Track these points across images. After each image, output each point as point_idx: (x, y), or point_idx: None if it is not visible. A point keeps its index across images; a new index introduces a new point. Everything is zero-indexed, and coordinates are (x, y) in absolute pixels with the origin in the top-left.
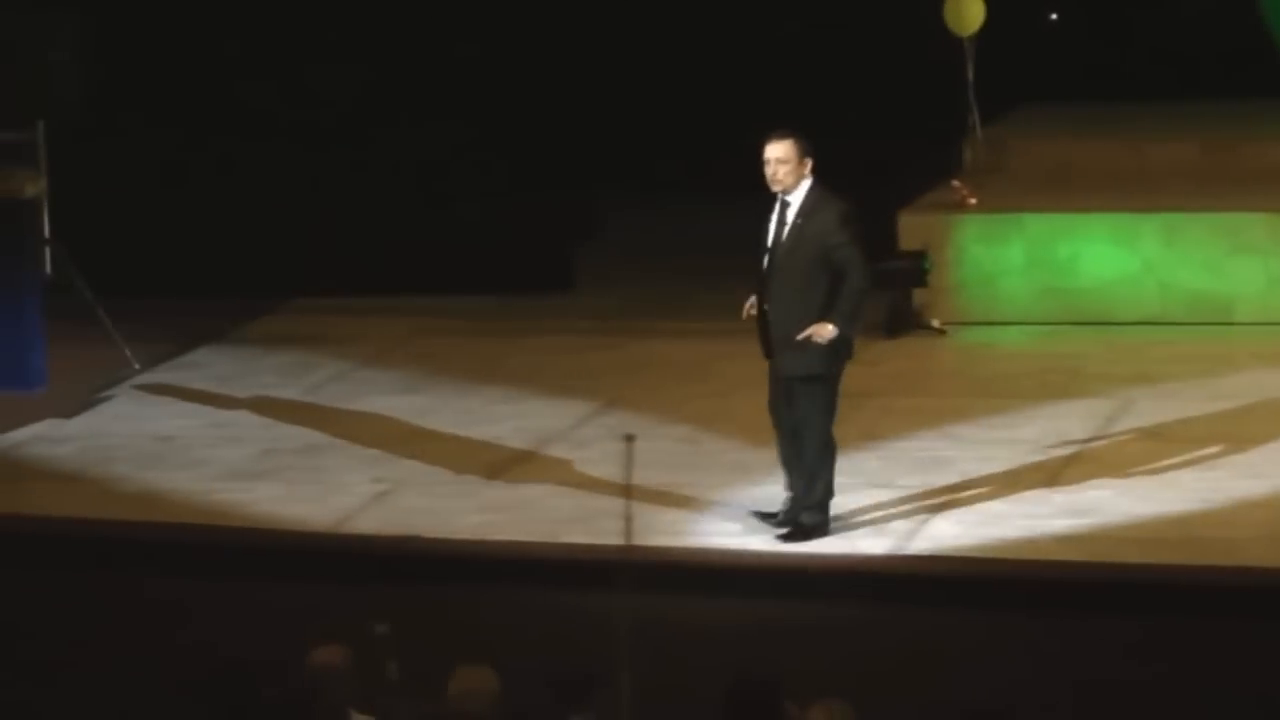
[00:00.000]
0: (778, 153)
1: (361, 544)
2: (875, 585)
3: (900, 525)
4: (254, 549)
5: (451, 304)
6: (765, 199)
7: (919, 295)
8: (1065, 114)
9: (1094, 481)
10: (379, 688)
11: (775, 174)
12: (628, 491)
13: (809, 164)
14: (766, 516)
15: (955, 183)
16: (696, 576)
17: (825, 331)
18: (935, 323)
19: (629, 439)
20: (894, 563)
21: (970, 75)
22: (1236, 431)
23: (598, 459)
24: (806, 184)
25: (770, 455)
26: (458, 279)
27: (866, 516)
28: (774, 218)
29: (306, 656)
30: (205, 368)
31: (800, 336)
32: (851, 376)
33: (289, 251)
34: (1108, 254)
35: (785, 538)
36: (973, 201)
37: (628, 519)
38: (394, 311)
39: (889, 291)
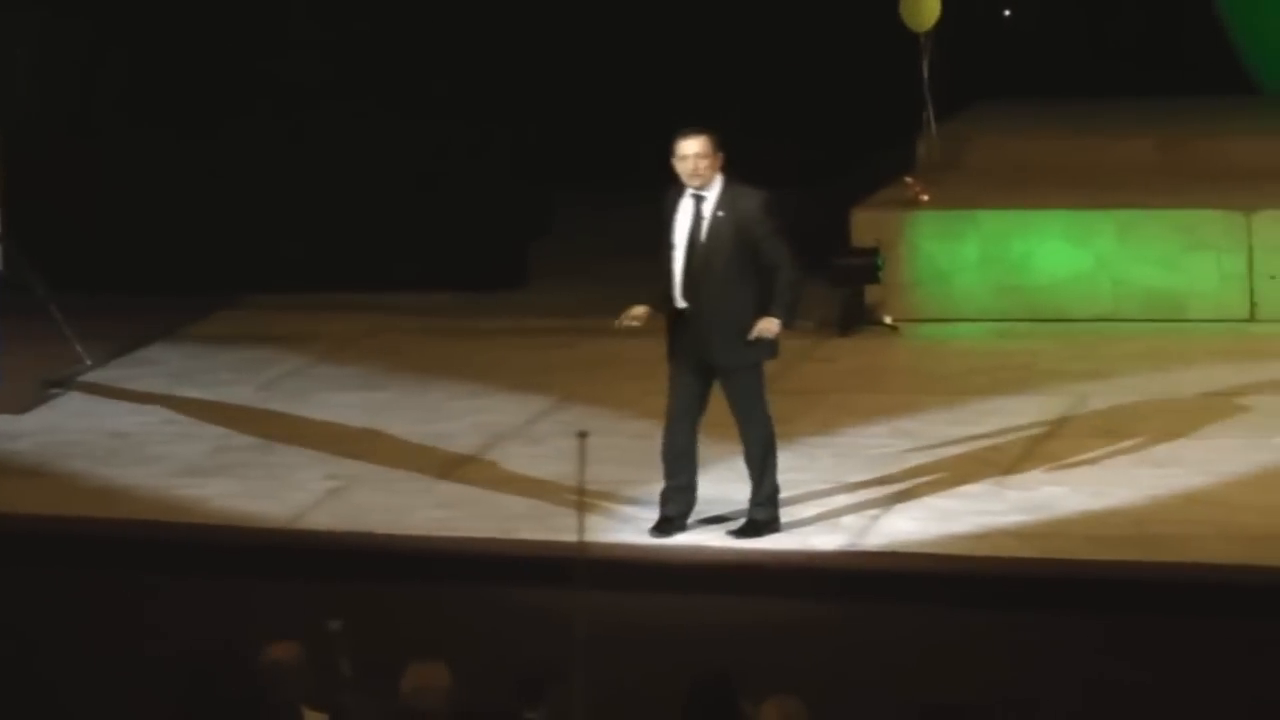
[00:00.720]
0: (697, 148)
1: (315, 540)
2: (829, 581)
3: (853, 521)
4: (208, 545)
5: (406, 300)
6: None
7: (872, 292)
8: (1020, 111)
9: (1047, 478)
10: (332, 684)
11: (697, 169)
12: (581, 488)
13: (721, 157)
14: (714, 520)
15: (909, 179)
16: (650, 573)
17: (773, 327)
18: (888, 319)
19: (582, 436)
20: (847, 559)
21: (925, 72)
22: (1190, 428)
23: (552, 456)
24: (719, 178)
25: (726, 450)
26: (413, 275)
27: (820, 513)
28: (686, 215)
29: (260, 653)
30: (159, 364)
31: (752, 336)
32: (805, 373)
33: (243, 248)
34: (1062, 251)
35: (739, 534)
36: (925, 198)
37: (581, 515)
38: (349, 308)
39: (842, 288)
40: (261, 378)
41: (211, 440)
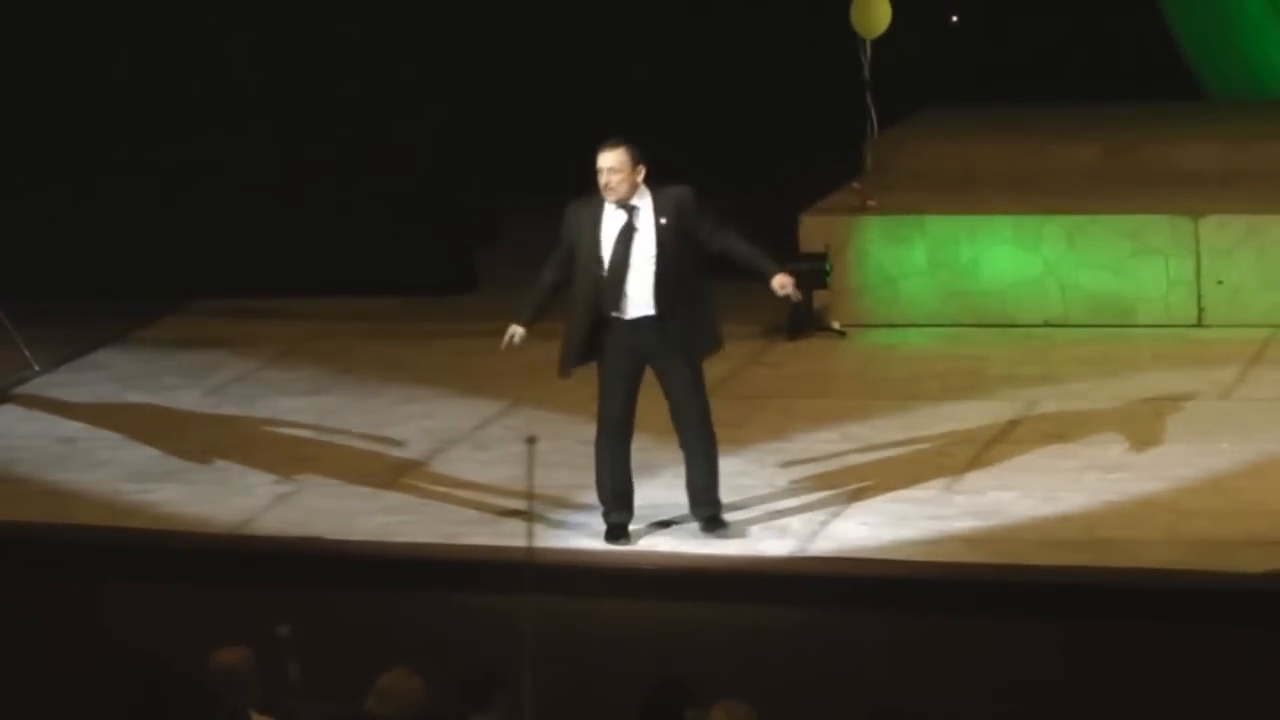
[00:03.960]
0: (610, 161)
1: (264, 546)
2: (777, 586)
3: (802, 526)
4: (156, 550)
5: (353, 305)
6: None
7: (820, 297)
8: (968, 116)
9: (997, 483)
10: (280, 689)
11: (609, 182)
12: (530, 493)
13: (643, 171)
14: (665, 524)
15: (856, 185)
16: (599, 578)
17: (789, 280)
18: (836, 325)
19: (531, 441)
20: (796, 564)
21: (867, 76)
22: (1139, 433)
23: (500, 461)
24: (644, 189)
25: (672, 455)
26: (359, 280)
27: (768, 518)
28: (614, 226)
29: (208, 658)
30: (107, 369)
31: (783, 293)
32: (753, 378)
33: (190, 252)
34: (1010, 256)
35: (712, 528)
36: (872, 204)
37: (529, 521)
38: (296, 313)
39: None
40: (209, 382)
41: (159, 445)
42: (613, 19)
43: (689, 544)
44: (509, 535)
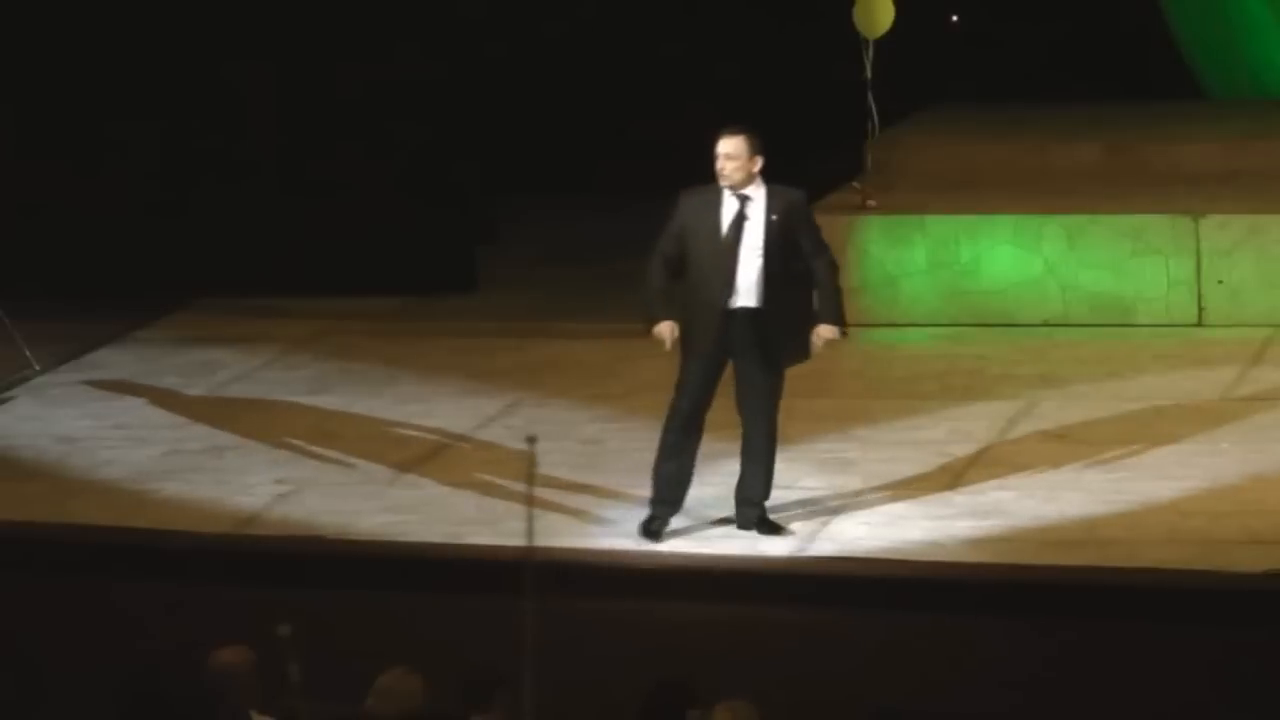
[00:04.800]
0: (727, 148)
1: (265, 545)
2: (779, 586)
3: (802, 526)
4: (158, 550)
5: (355, 305)
6: (655, 199)
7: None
8: (968, 115)
9: (998, 483)
10: (281, 689)
11: (723, 169)
12: (530, 493)
13: (759, 161)
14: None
15: (856, 184)
16: (601, 578)
17: (834, 335)
18: None
19: (531, 441)
20: (797, 564)
21: (869, 76)
22: (1139, 433)
23: (502, 460)
24: (759, 181)
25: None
26: (361, 280)
27: (771, 517)
28: (730, 214)
29: (209, 657)
30: (108, 368)
31: (819, 344)
32: None
33: (192, 251)
34: (1010, 256)
35: (765, 529)
36: (873, 203)
37: (530, 520)
38: (298, 312)
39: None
40: (211, 381)
41: (161, 445)
42: (610, 18)
43: (689, 544)
44: (509, 535)
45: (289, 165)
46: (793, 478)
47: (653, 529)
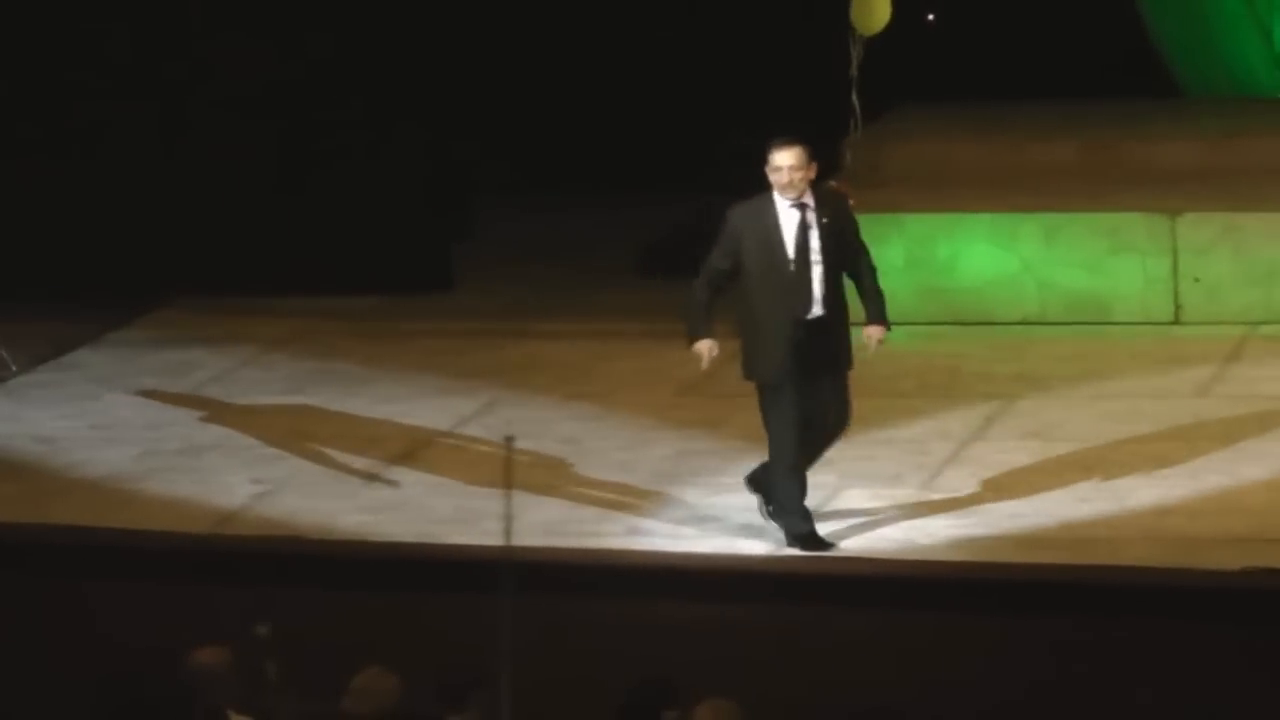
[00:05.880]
0: (791, 160)
1: (243, 544)
2: (757, 585)
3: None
4: (135, 550)
5: (332, 304)
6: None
7: None
8: (945, 114)
9: (975, 481)
10: (259, 689)
11: (792, 180)
12: (508, 493)
13: (814, 168)
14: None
15: (834, 183)
16: (579, 577)
17: (883, 336)
18: None
19: (509, 440)
20: (775, 562)
21: (855, 74)
22: (1117, 431)
23: (480, 460)
24: (809, 187)
25: (652, 454)
26: (337, 279)
27: (746, 517)
28: (792, 225)
29: (187, 657)
30: (84, 369)
31: (873, 348)
32: (730, 377)
33: (168, 251)
34: (987, 254)
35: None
36: (851, 202)
37: (507, 519)
38: (274, 311)
39: None
40: (188, 382)
41: (139, 445)
42: (583, 18)
43: (667, 542)
44: (487, 534)
45: (264, 165)
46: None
47: (813, 543)
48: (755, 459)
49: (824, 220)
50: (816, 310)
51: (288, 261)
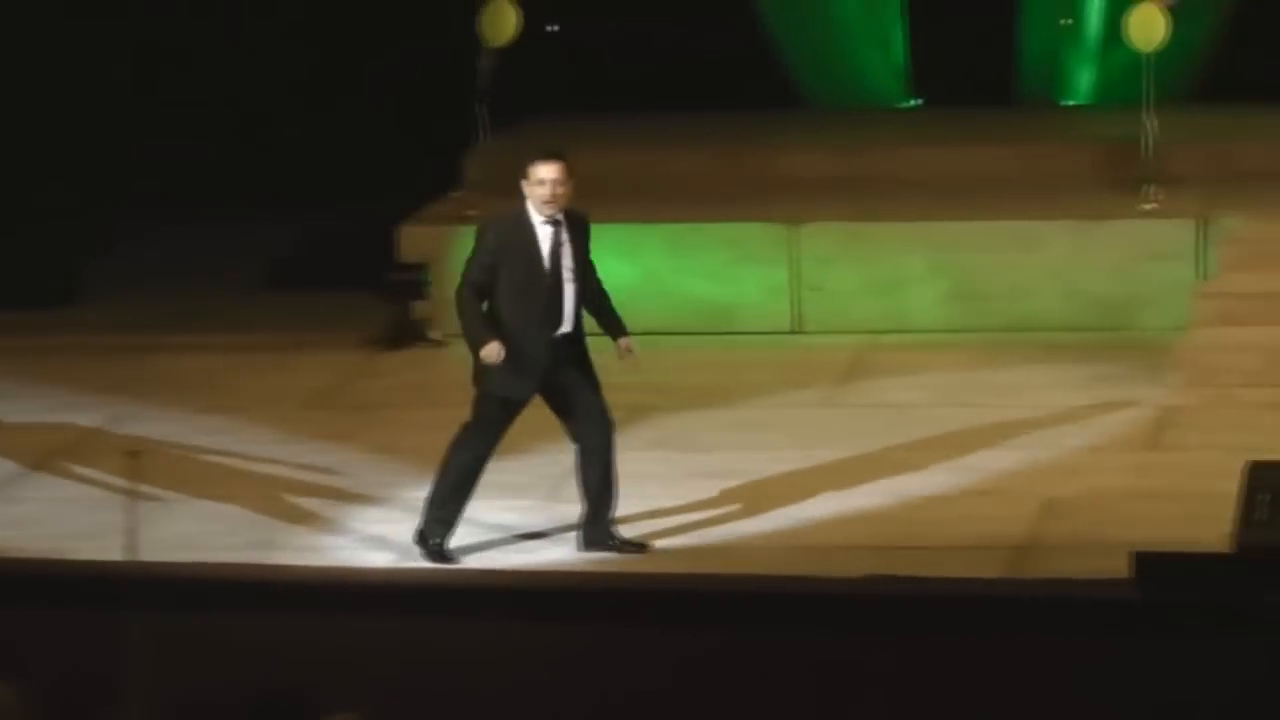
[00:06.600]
0: (555, 174)
1: None
2: (379, 596)
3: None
4: None
5: None
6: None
7: (419, 308)
8: (572, 125)
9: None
10: None
11: (554, 194)
12: (134, 507)
13: (572, 184)
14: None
15: (455, 195)
16: (206, 591)
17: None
18: (436, 335)
19: (135, 454)
20: (398, 575)
21: (483, 85)
22: (743, 440)
23: (105, 473)
24: None
25: (282, 468)
26: None
27: (374, 529)
28: (547, 241)
29: None
30: None
31: (627, 358)
32: (361, 390)
33: None
34: (611, 265)
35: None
36: (473, 213)
37: (132, 533)
38: None
39: (390, 304)
40: None
41: None
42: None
43: (296, 555)
44: (113, 549)
45: None
46: (399, 489)
47: (444, 557)
48: (384, 472)
49: (574, 237)
50: (566, 327)
51: None
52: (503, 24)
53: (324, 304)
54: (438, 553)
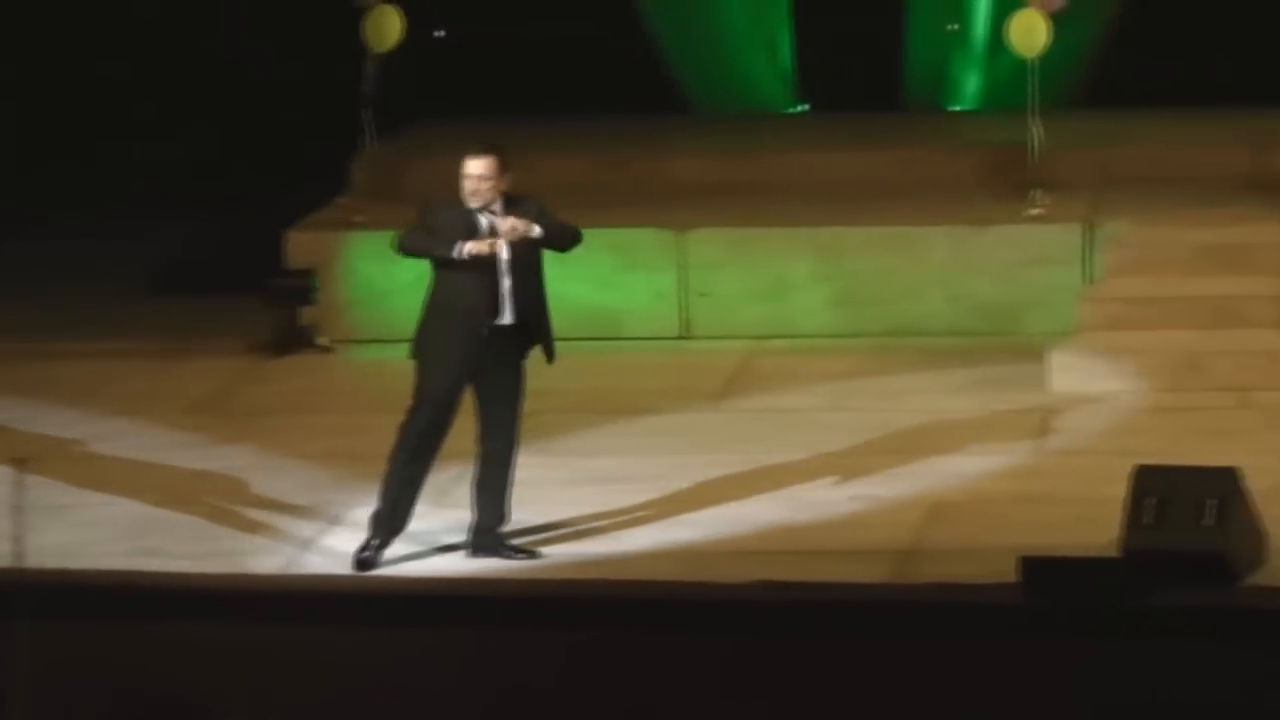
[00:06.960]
0: (480, 169)
1: None
2: (273, 604)
3: (290, 545)
4: None
5: None
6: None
7: (307, 314)
8: (458, 131)
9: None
10: None
11: (478, 189)
12: (20, 514)
13: (509, 178)
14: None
15: (343, 200)
16: (93, 599)
17: (524, 226)
18: (323, 340)
19: (19, 462)
20: (282, 582)
21: (368, 91)
22: (632, 446)
23: None
24: (500, 197)
25: (166, 473)
26: None
27: (260, 535)
28: (481, 228)
29: None
30: None
31: (510, 225)
32: (249, 396)
33: None
34: None
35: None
36: (360, 219)
37: (20, 541)
38: None
39: (277, 310)
40: None
41: None
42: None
43: (184, 563)
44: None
45: None
46: (284, 493)
47: (367, 566)
48: (271, 475)
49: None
50: (506, 319)
51: None
52: (387, 30)
53: (210, 309)
54: (369, 561)
